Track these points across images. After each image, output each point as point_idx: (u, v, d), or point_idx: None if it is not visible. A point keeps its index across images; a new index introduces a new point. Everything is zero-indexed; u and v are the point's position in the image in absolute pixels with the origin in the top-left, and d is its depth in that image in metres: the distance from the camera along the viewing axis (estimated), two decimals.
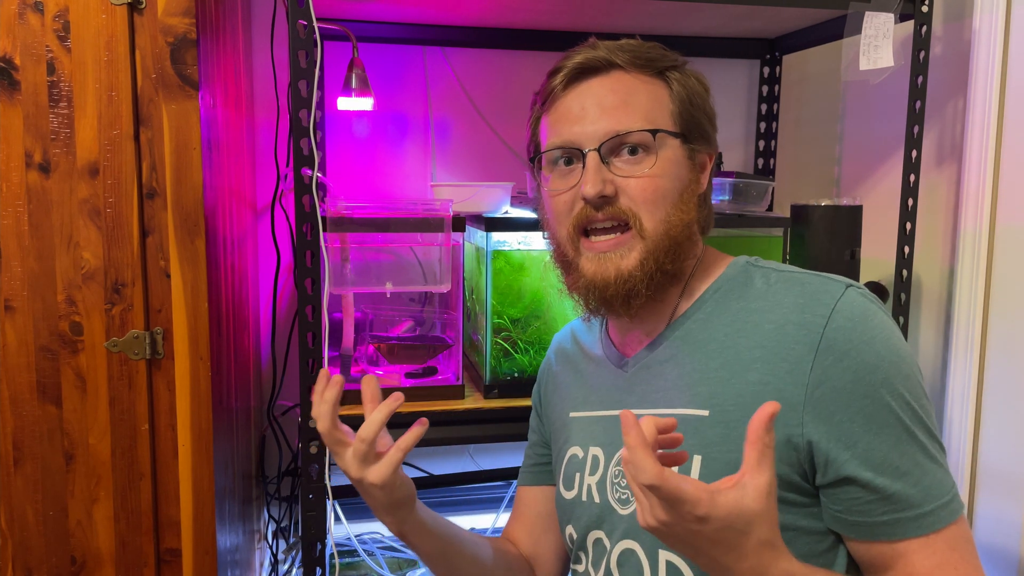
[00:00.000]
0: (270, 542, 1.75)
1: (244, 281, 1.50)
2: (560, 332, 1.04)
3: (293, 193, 1.20)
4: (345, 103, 1.59)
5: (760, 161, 1.88)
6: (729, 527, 0.60)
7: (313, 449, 1.24)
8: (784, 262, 1.29)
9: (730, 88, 1.89)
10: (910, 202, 1.43)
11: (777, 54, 1.82)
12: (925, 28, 1.38)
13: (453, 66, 1.74)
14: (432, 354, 1.45)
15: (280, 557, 1.74)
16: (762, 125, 1.87)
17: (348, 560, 1.66)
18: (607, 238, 0.80)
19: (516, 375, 1.39)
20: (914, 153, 1.42)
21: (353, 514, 1.73)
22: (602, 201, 0.79)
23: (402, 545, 1.73)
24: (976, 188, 1.40)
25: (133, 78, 1.07)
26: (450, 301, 1.47)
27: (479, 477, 1.74)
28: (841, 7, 1.35)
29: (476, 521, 1.84)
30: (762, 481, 0.61)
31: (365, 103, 1.56)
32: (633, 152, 0.80)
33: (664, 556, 0.77)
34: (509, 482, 1.84)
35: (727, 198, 1.52)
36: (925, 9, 1.37)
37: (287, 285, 1.72)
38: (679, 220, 0.80)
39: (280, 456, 1.73)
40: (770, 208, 1.73)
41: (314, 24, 1.16)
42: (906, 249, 1.43)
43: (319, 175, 1.23)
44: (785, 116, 1.88)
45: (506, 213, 1.46)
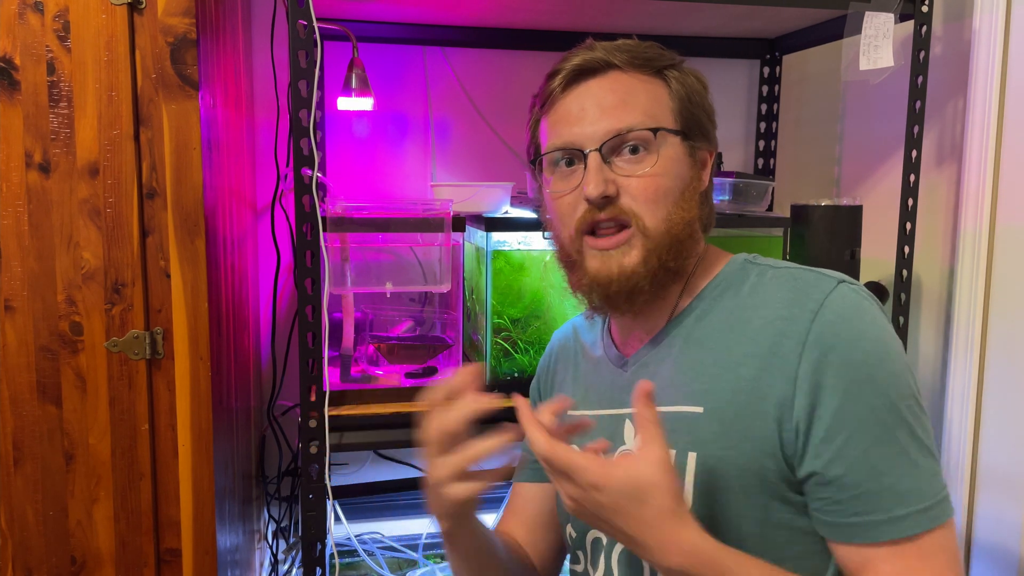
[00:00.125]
0: (270, 542, 1.75)
1: (244, 281, 1.50)
2: (561, 328, 1.04)
3: (293, 193, 1.20)
4: (345, 103, 1.59)
5: (760, 161, 1.88)
6: (624, 495, 0.65)
7: (313, 449, 1.24)
8: None
9: (730, 88, 1.89)
10: (910, 202, 1.43)
11: (777, 54, 1.82)
12: (925, 28, 1.38)
13: (453, 66, 1.74)
14: (432, 354, 1.45)
15: (280, 557, 1.74)
16: (762, 125, 1.87)
17: (348, 560, 1.66)
18: (610, 236, 0.80)
19: (516, 375, 1.39)
20: (914, 153, 1.42)
21: (353, 514, 1.73)
22: (604, 201, 0.79)
23: (402, 545, 1.73)
24: (976, 188, 1.40)
25: (133, 78, 1.07)
26: (450, 301, 1.47)
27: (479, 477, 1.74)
28: (841, 7, 1.35)
29: None
30: (655, 452, 0.66)
31: (365, 103, 1.56)
32: (634, 151, 0.79)
33: None
34: (509, 482, 1.83)
35: (727, 198, 1.52)
36: (925, 9, 1.37)
37: (287, 285, 1.72)
38: (680, 218, 0.80)
39: (280, 456, 1.73)
40: (770, 208, 1.73)
41: (314, 24, 1.16)
42: (906, 249, 1.43)
43: (319, 175, 1.23)
44: (785, 116, 1.88)
45: (506, 213, 1.46)
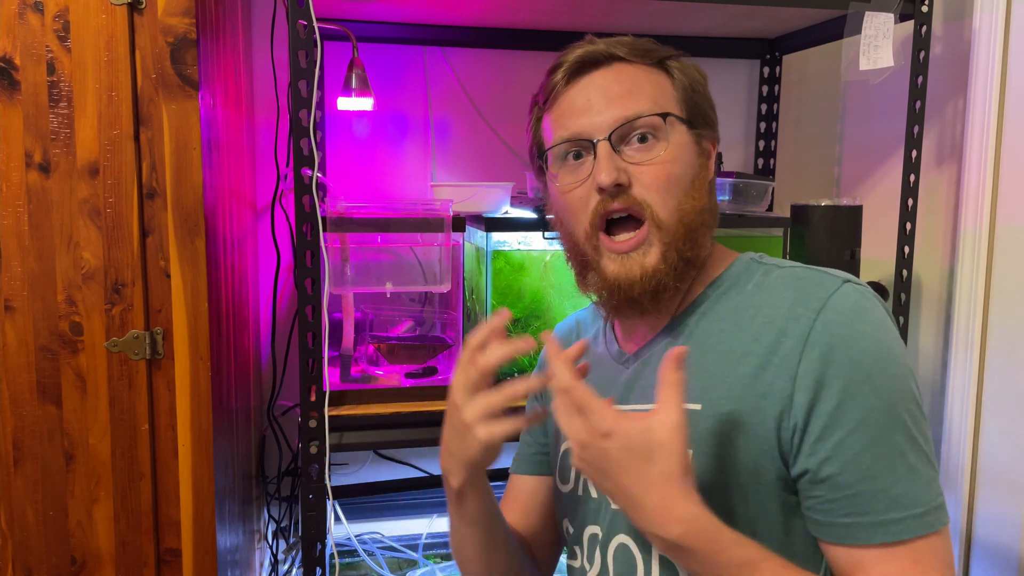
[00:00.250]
0: (270, 542, 1.75)
1: (244, 281, 1.50)
2: (565, 321, 1.03)
3: (293, 193, 1.20)
4: (345, 103, 1.59)
5: (760, 161, 1.88)
6: (632, 449, 0.65)
7: (313, 449, 1.24)
8: None
9: (730, 88, 1.89)
10: (910, 202, 1.43)
11: (777, 54, 1.82)
12: (925, 28, 1.38)
13: (453, 66, 1.74)
14: (432, 354, 1.45)
15: (280, 557, 1.74)
16: (762, 125, 1.87)
17: (348, 560, 1.66)
18: (626, 237, 0.79)
19: (516, 375, 1.39)
20: (914, 153, 1.42)
21: (353, 514, 1.73)
22: (617, 190, 0.77)
23: (402, 545, 1.73)
24: (976, 188, 1.40)
25: (133, 78, 1.07)
26: (450, 301, 1.47)
27: None
28: (841, 7, 1.35)
29: None
30: (671, 415, 0.65)
31: (365, 103, 1.56)
32: (643, 140, 0.78)
33: (658, 552, 0.77)
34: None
35: (727, 198, 1.52)
36: (925, 9, 1.37)
37: (287, 285, 1.72)
38: (692, 207, 0.79)
39: (280, 456, 1.73)
40: (770, 208, 1.73)
41: (314, 24, 1.16)
42: (906, 249, 1.43)
43: (319, 175, 1.23)
44: (785, 116, 1.88)
45: (506, 213, 1.46)
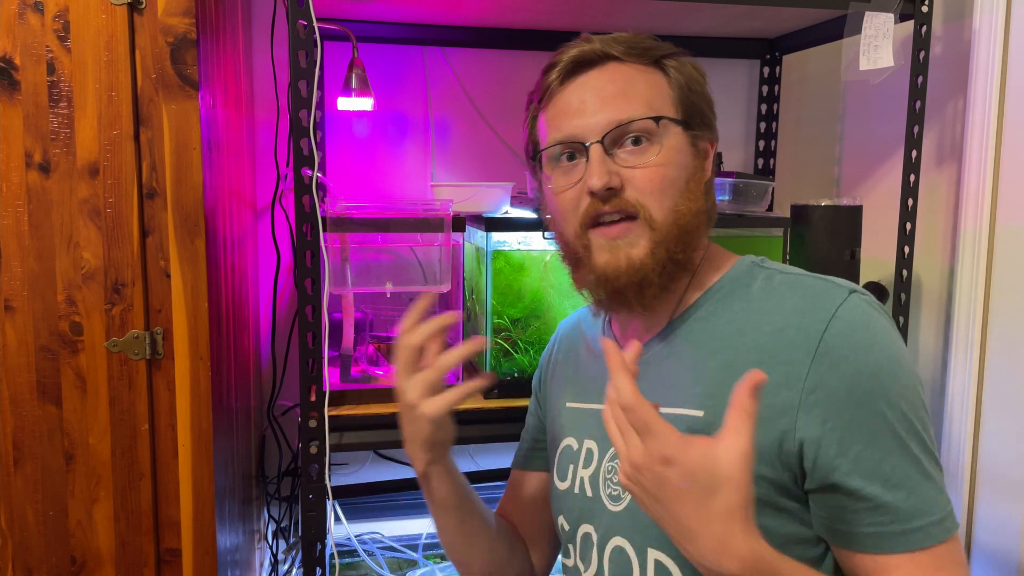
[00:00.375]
0: (270, 542, 1.75)
1: (244, 281, 1.50)
2: (568, 318, 1.03)
3: (293, 193, 1.20)
4: (345, 103, 1.59)
5: (760, 161, 1.88)
6: (694, 479, 0.60)
7: (313, 449, 1.24)
8: (784, 262, 1.29)
9: (730, 88, 1.89)
10: (910, 202, 1.43)
11: (777, 54, 1.82)
12: (925, 28, 1.38)
13: (453, 66, 1.74)
14: None
15: (280, 557, 1.74)
16: (762, 125, 1.87)
17: (348, 560, 1.66)
18: (616, 225, 0.78)
19: (516, 375, 1.39)
20: (914, 153, 1.42)
21: (353, 514, 1.73)
22: (609, 194, 0.77)
23: (402, 545, 1.73)
24: (976, 188, 1.40)
25: (133, 78, 1.07)
26: (450, 301, 1.47)
27: (480, 477, 1.74)
28: (841, 7, 1.35)
29: None
30: (739, 445, 0.60)
31: (365, 103, 1.56)
32: (636, 142, 0.78)
33: (653, 555, 0.77)
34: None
35: (727, 198, 1.52)
36: (925, 9, 1.37)
37: (287, 285, 1.72)
38: (687, 209, 0.79)
39: (280, 456, 1.73)
40: (770, 208, 1.73)
41: (314, 24, 1.16)
42: (906, 249, 1.43)
43: (319, 175, 1.23)
44: (785, 116, 1.88)
45: (506, 213, 1.46)
